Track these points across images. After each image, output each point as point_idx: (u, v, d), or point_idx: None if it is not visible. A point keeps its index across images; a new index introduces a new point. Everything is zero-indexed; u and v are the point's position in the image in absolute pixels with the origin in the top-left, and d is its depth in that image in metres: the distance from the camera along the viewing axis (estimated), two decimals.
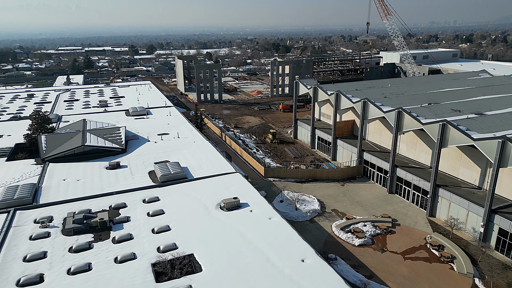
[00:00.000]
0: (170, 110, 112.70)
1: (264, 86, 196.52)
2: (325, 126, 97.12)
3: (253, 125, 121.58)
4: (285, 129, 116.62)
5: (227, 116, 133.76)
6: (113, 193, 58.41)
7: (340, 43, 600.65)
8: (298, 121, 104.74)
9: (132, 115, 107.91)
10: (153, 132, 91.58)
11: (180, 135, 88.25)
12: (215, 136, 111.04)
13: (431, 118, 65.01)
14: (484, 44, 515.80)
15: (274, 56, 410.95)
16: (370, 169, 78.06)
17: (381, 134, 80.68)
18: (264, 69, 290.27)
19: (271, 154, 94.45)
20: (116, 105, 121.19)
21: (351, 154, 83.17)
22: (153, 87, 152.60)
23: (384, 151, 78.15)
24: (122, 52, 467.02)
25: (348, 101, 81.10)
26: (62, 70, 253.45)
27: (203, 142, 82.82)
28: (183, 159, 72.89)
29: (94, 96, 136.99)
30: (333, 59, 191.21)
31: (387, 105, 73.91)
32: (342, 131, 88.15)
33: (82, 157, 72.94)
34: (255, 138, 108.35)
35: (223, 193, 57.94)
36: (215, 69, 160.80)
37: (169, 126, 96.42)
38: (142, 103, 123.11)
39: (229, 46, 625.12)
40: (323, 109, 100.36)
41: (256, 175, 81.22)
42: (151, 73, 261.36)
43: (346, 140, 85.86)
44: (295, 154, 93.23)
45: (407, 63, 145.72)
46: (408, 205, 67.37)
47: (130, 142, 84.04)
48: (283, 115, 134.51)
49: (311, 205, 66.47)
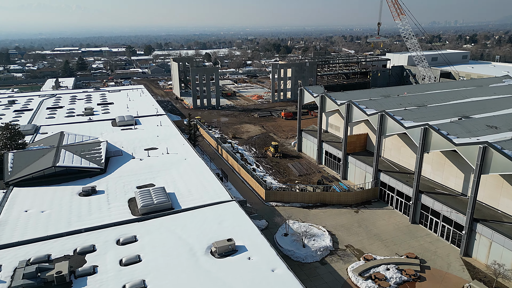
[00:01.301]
0: (161, 119, 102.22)
1: (264, 90, 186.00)
2: (334, 139, 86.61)
3: (253, 135, 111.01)
4: (288, 140, 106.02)
5: (225, 125, 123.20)
6: (81, 231, 47.94)
7: (341, 44, 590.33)
8: (302, 132, 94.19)
9: (118, 125, 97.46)
10: (140, 147, 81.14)
11: (169, 150, 77.76)
12: (210, 149, 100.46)
13: (464, 137, 54.48)
14: (489, 44, 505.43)
15: (275, 57, 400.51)
16: (388, 193, 67.48)
17: (399, 152, 70.11)
18: (265, 70, 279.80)
19: (273, 171, 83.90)
20: (103, 113, 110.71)
21: (364, 173, 72.61)
22: (146, 92, 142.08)
23: (404, 172, 67.55)
24: (119, 53, 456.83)
25: (361, 113, 70.56)
26: (54, 73, 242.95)
27: (195, 160, 72.35)
28: (171, 181, 62.44)
29: (81, 102, 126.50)
30: (338, 62, 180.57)
31: (408, 119, 63.35)
32: (353, 146, 77.61)
33: (53, 180, 62.52)
34: (255, 150, 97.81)
35: (215, 230, 47.50)
36: (212, 72, 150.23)
37: (159, 139, 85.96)
38: (131, 110, 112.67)
39: (229, 46, 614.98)
40: (331, 119, 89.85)
41: (256, 198, 70.68)
42: (147, 75, 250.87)
43: (359, 157, 75.28)
44: (300, 171, 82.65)
45: (421, 66, 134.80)
46: (436, 240, 56.77)
47: (112, 159, 73.55)
48: (285, 123, 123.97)
49: (322, 240, 55.89)
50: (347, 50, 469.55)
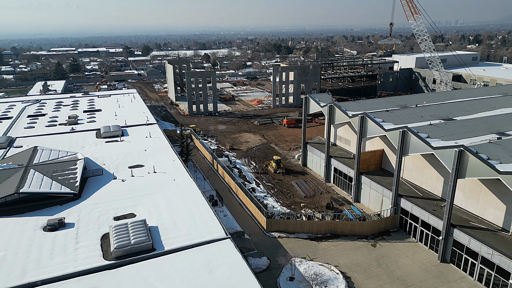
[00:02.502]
0: (151, 130, 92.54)
1: (265, 94, 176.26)
2: (343, 154, 76.93)
3: (253, 146, 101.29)
4: (292, 152, 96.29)
5: (222, 134, 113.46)
6: (37, 284, 38.33)
7: (343, 44, 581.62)
8: (308, 145, 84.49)
9: (103, 137, 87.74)
10: (124, 163, 71.46)
11: (157, 168, 68.07)
12: (205, 163, 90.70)
13: (508, 162, 44.76)
14: (493, 45, 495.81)
15: (276, 57, 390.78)
16: (410, 222, 57.76)
17: (423, 173, 60.37)
18: (265, 72, 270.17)
19: (275, 190, 74.18)
20: (88, 122, 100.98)
21: (381, 197, 62.89)
22: (137, 97, 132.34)
23: (430, 197, 57.83)
24: (117, 53, 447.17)
25: (377, 127, 60.84)
26: (46, 75, 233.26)
27: (185, 181, 62.69)
28: (154, 210, 52.77)
29: (66, 109, 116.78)
30: (343, 64, 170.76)
31: (435, 137, 53.65)
32: (367, 164, 67.89)
33: (17, 209, 52.88)
34: (254, 165, 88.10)
35: (203, 282, 37.89)
36: (209, 76, 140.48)
37: (146, 154, 76.30)
38: (119, 119, 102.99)
39: (229, 47, 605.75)
40: (340, 131, 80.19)
41: (256, 227, 60.96)
42: (143, 77, 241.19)
43: (374, 177, 65.53)
44: (306, 191, 72.91)
45: (436, 70, 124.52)
46: (473, 286, 47.02)
47: (90, 180, 63.85)
48: (288, 132, 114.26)
49: (335, 286, 46.13)
50: (349, 50, 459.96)
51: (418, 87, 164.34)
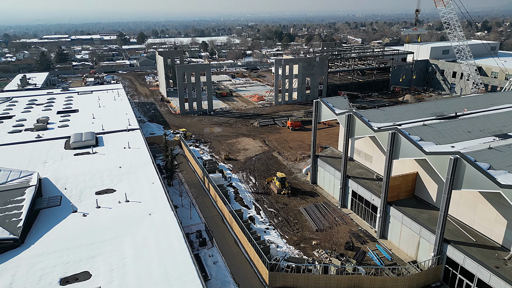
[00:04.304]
0: (131, 137, 78.11)
1: (266, 88, 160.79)
2: (363, 172, 62.50)
3: (252, 155, 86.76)
4: (298, 163, 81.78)
5: (217, 138, 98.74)
6: None
7: (346, 31, 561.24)
8: (318, 159, 69.93)
9: (72, 148, 73.28)
10: (91, 187, 57.34)
11: (131, 195, 53.90)
12: (195, 178, 76.23)
13: None
14: (503, 32, 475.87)
15: (277, 45, 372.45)
16: (460, 278, 43.63)
17: (475, 210, 45.98)
18: (266, 62, 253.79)
19: (280, 220, 59.95)
20: (59, 127, 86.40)
21: (417, 238, 48.64)
22: (122, 93, 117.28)
23: (487, 245, 43.58)
24: (111, 41, 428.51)
25: (416, 149, 46.18)
26: (30, 66, 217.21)
27: (164, 216, 48.64)
28: (117, 267, 38.78)
29: (38, 109, 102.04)
30: (352, 55, 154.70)
31: (500, 168, 39.10)
32: (397, 192, 53.52)
33: None
34: (254, 182, 73.70)
35: None
36: (203, 70, 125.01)
37: (121, 173, 62.06)
38: (97, 122, 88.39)
39: (228, 33, 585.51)
40: (359, 143, 65.62)
41: (255, 279, 46.85)
42: (135, 68, 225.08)
43: (407, 209, 51.17)
44: (318, 222, 58.66)
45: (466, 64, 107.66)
46: None
47: (43, 213, 49.77)
48: (292, 136, 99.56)
49: None
50: (354, 38, 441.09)
51: (435, 81, 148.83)
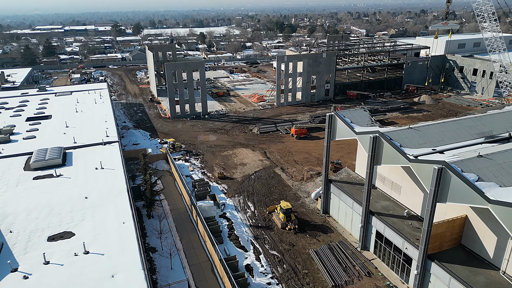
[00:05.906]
0: (107, 154, 65.40)
1: (267, 86, 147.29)
2: (389, 206, 49.83)
3: (251, 172, 73.97)
4: (306, 183, 68.98)
5: (210, 150, 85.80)
6: None
7: (349, 21, 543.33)
8: (331, 185, 57.19)
9: (33, 168, 60.61)
10: (44, 229, 44.92)
11: (92, 244, 41.39)
12: (182, 205, 63.43)
13: None
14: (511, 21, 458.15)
15: (278, 37, 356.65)
16: None
17: None
18: (267, 55, 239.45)
19: (284, 269, 47.40)
20: (24, 138, 73.61)
21: None
22: (105, 95, 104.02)
23: None
24: (106, 32, 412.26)
25: (473, 193, 33.41)
26: (15, 60, 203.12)
27: (131, 276, 36.18)
28: None
29: (6, 114, 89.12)
30: (359, 49, 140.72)
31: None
32: (440, 242, 40.92)
33: None
34: (253, 210, 61.04)
35: None
36: (196, 68, 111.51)
37: (85, 206, 49.51)
38: (69, 132, 75.56)
39: (228, 24, 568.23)
40: (383, 169, 52.84)
41: None
42: (127, 62, 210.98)
43: (455, 267, 38.57)
44: (335, 273, 46.11)
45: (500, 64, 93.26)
46: None
47: None
48: (297, 146, 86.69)
49: None
50: (358, 29, 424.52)
51: (453, 78, 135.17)
